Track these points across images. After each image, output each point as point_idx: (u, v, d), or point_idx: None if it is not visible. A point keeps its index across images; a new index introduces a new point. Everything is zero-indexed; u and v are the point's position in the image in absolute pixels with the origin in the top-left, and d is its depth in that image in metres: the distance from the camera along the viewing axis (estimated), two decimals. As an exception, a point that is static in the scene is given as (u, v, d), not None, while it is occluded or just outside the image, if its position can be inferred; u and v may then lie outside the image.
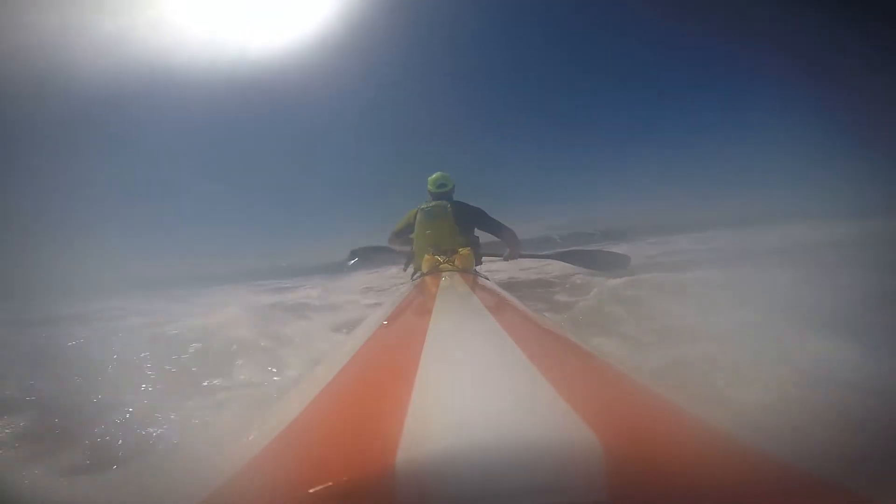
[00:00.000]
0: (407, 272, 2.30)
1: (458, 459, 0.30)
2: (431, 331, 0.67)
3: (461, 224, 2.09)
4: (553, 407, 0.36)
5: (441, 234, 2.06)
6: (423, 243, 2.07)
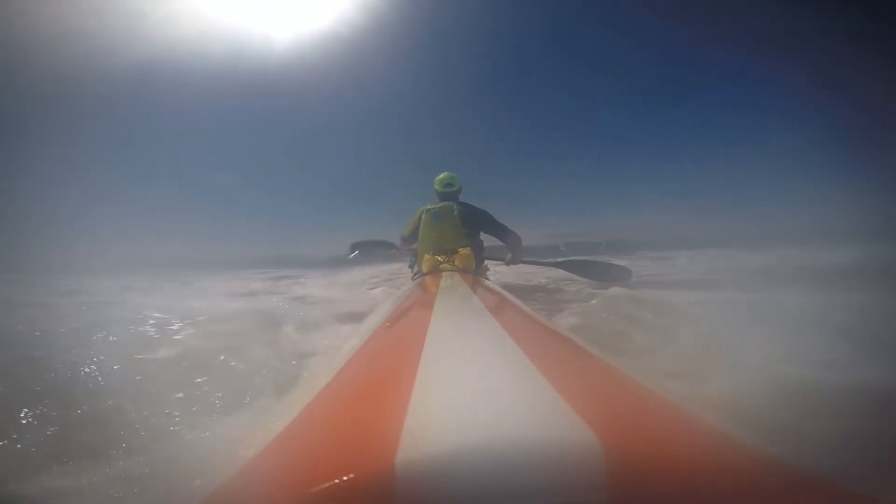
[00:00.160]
0: (412, 271, 2.30)
1: (457, 459, 0.30)
2: (431, 331, 0.67)
3: (467, 226, 2.07)
4: (553, 407, 0.36)
5: (446, 235, 2.04)
6: (428, 244, 2.05)
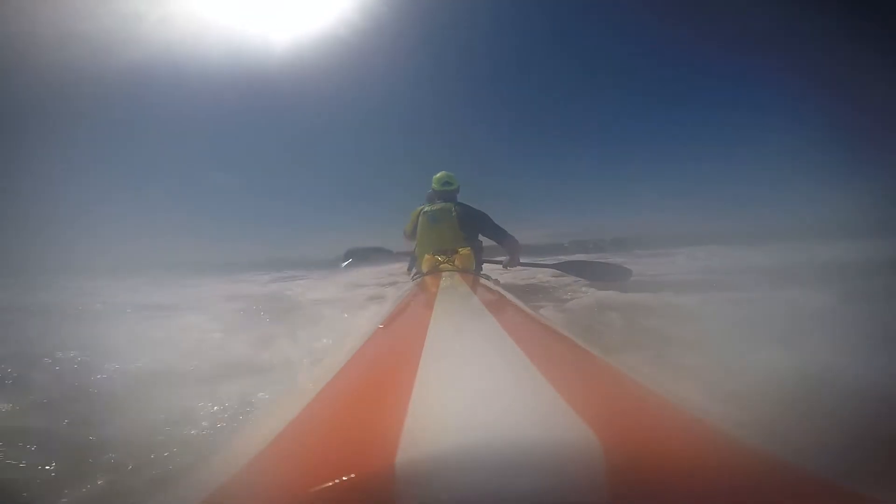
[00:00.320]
0: (409, 273, 2.29)
1: (457, 459, 0.30)
2: (431, 331, 0.67)
3: (465, 228, 2.05)
4: (553, 407, 0.36)
5: (444, 237, 2.02)
6: (426, 246, 2.04)
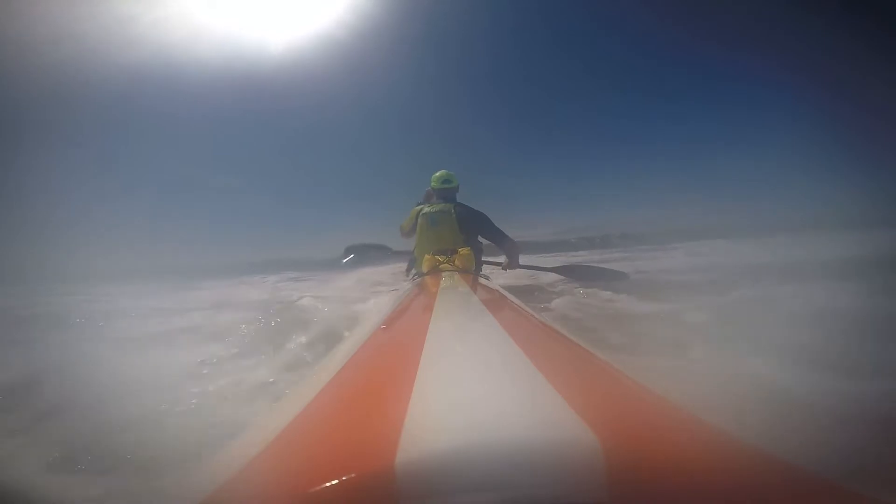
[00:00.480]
0: (408, 275, 2.28)
1: (457, 459, 0.30)
2: (432, 330, 0.67)
3: (465, 230, 2.04)
4: (553, 407, 0.36)
5: (444, 239, 2.02)
6: (426, 247, 2.03)
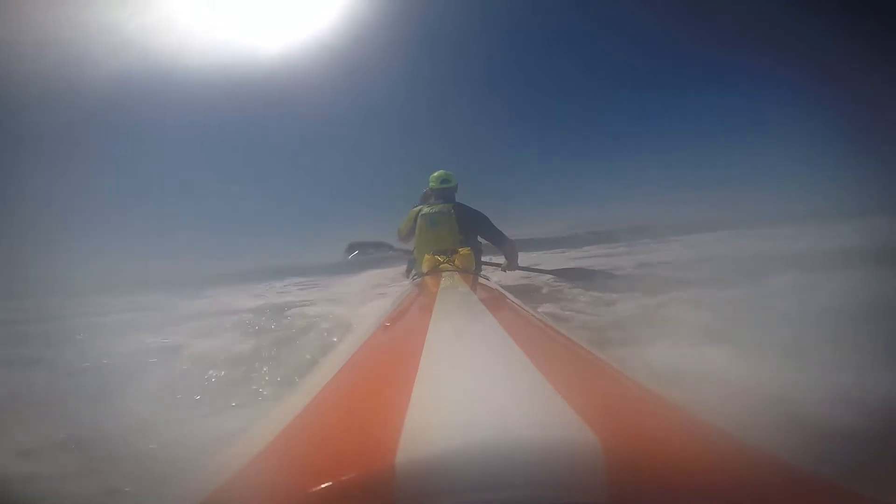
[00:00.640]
0: (407, 276, 2.28)
1: (457, 459, 0.30)
2: (432, 331, 0.67)
3: (464, 229, 2.04)
4: (553, 407, 0.36)
5: (443, 239, 2.02)
6: (425, 248, 2.03)
